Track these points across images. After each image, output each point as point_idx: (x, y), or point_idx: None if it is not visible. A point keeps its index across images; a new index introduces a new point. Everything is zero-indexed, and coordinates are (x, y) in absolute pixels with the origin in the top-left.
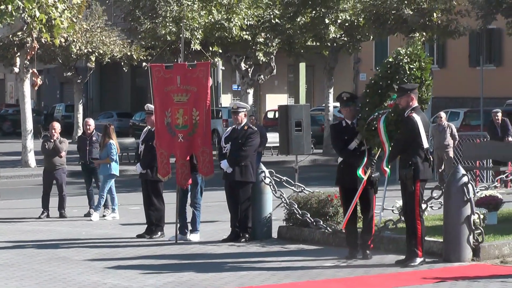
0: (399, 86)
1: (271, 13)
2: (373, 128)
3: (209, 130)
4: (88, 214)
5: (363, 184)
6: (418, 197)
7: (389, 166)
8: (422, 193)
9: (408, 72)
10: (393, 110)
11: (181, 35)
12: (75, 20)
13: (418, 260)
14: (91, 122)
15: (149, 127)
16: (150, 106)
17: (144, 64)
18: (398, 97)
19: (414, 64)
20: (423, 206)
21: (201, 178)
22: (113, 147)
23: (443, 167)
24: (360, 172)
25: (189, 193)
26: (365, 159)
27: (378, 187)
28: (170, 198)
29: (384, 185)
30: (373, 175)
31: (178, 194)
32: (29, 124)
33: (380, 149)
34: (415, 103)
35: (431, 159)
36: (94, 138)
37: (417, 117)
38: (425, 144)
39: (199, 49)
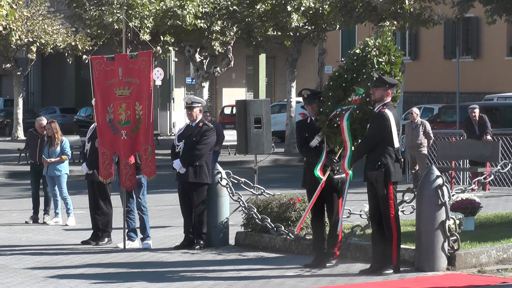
0: (380, 76)
1: None
2: (335, 125)
3: (151, 126)
4: (34, 218)
5: (321, 186)
6: (393, 200)
7: (352, 168)
8: (395, 195)
9: (376, 66)
10: (358, 107)
11: (129, 23)
12: (15, 7)
13: (392, 268)
14: (45, 122)
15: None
16: None
17: (84, 56)
18: (374, 88)
19: (383, 58)
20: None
21: (145, 178)
22: (68, 144)
23: (416, 167)
24: (318, 172)
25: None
26: (323, 157)
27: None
28: (118, 201)
29: (346, 187)
30: (335, 177)
31: (124, 197)
32: None
33: (342, 149)
34: (388, 99)
35: (402, 159)
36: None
37: (389, 114)
38: (396, 144)
39: (148, 39)
